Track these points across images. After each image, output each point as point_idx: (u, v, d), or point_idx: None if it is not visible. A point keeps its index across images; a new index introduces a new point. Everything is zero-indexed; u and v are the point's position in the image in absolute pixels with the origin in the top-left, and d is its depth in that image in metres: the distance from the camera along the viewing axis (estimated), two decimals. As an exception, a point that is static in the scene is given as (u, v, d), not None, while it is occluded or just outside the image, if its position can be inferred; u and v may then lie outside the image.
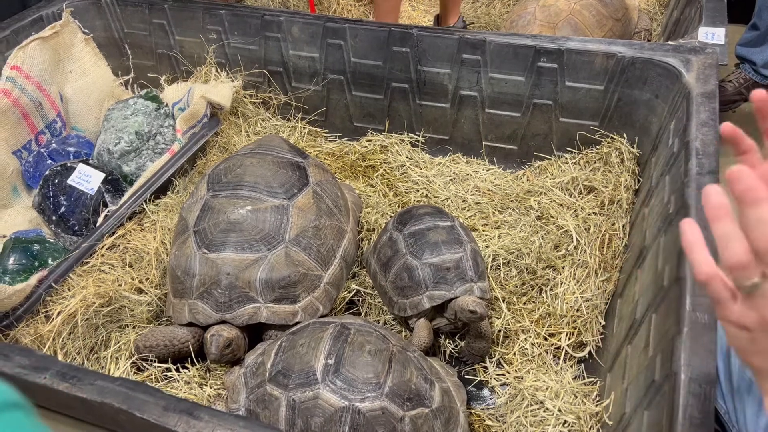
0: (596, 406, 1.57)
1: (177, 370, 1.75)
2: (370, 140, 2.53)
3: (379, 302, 1.93)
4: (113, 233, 2.03)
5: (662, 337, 1.35)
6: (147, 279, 1.95)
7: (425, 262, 1.76)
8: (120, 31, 2.69)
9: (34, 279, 1.82)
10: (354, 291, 1.97)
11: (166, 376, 1.75)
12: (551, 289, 1.88)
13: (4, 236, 2.10)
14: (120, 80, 2.71)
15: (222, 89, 2.43)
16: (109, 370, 1.74)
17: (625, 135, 2.20)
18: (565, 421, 1.57)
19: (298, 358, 1.47)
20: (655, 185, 1.86)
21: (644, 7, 3.21)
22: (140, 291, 1.92)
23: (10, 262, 1.90)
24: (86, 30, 2.57)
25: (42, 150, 2.35)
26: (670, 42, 2.16)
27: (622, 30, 2.75)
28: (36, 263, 1.92)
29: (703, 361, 1.20)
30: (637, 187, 2.09)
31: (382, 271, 1.87)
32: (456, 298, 1.72)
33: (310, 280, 1.80)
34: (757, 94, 0.83)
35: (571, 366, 1.74)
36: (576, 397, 1.63)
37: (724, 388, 1.28)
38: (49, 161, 2.32)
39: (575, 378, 1.70)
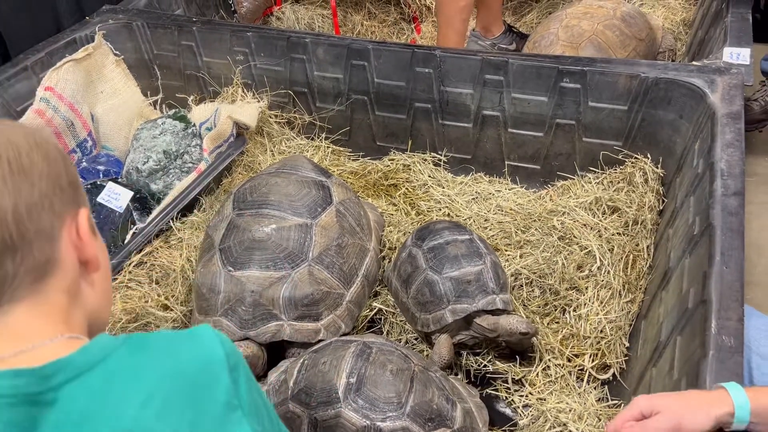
0: (620, 429, 1.55)
1: (201, 386, 1.77)
2: (393, 159, 2.55)
3: (401, 321, 1.94)
4: (141, 250, 2.07)
5: (687, 360, 1.34)
6: (173, 296, 1.98)
7: (446, 276, 1.77)
8: (150, 52, 2.76)
9: (63, 295, 1.86)
10: (376, 309, 1.97)
11: (190, 392, 1.76)
12: (575, 310, 1.86)
13: (36, 252, 2.15)
14: (149, 100, 2.77)
15: (248, 109, 2.47)
16: (135, 385, 1.76)
17: (649, 155, 2.18)
18: (589, 444, 1.55)
19: (320, 377, 1.48)
20: (680, 206, 1.85)
21: (668, 27, 3.19)
22: (166, 308, 1.95)
23: (41, 277, 1.94)
24: (117, 52, 2.64)
25: (73, 168, 2.41)
26: (694, 62, 2.15)
27: (646, 50, 2.74)
28: (66, 279, 1.96)
29: (729, 385, 1.19)
30: (661, 208, 2.08)
31: (404, 287, 1.88)
32: (478, 312, 1.72)
33: (332, 299, 1.82)
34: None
35: (595, 388, 1.72)
36: (600, 419, 1.61)
37: None
38: (80, 179, 2.38)
39: (599, 400, 1.68)
